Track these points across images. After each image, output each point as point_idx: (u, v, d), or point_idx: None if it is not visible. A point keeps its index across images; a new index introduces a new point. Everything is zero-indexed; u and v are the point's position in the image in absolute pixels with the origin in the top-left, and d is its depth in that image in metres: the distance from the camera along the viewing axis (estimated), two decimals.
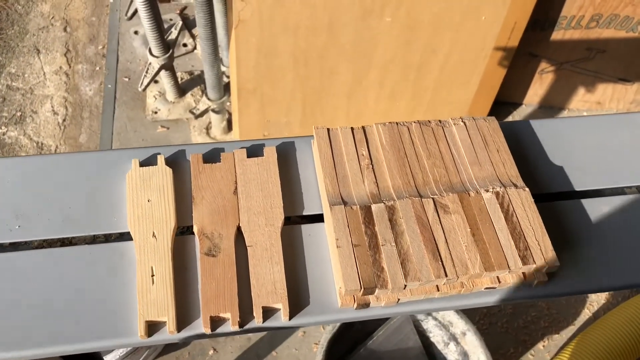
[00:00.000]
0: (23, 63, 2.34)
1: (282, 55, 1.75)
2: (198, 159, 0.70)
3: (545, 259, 0.62)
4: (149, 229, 0.64)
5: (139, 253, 0.63)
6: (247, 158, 0.70)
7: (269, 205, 0.67)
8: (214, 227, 0.65)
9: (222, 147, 0.73)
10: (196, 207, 0.66)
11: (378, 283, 0.60)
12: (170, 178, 0.68)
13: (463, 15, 1.67)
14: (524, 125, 0.78)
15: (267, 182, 0.69)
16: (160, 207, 0.66)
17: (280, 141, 0.74)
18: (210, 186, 0.68)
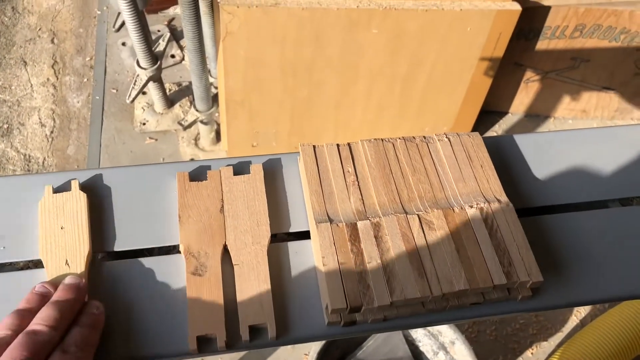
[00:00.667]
0: (10, 75, 2.33)
1: (270, 67, 1.76)
2: (184, 177, 0.70)
3: (529, 274, 0.63)
4: (61, 257, 0.63)
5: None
6: (233, 176, 0.71)
7: (256, 223, 0.67)
8: (201, 246, 0.65)
9: (208, 164, 0.73)
10: (182, 226, 0.66)
11: (364, 301, 0.60)
12: (84, 203, 0.66)
13: (449, 26, 1.69)
14: (508, 140, 0.79)
15: (254, 200, 0.69)
16: (74, 233, 0.64)
17: (267, 158, 0.75)
18: (197, 204, 0.68)
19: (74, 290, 0.58)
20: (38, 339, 0.52)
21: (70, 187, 0.68)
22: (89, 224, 0.66)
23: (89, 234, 0.65)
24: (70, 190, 0.68)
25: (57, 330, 0.54)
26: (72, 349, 0.53)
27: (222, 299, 0.62)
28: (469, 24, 1.70)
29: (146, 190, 0.71)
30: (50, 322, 0.54)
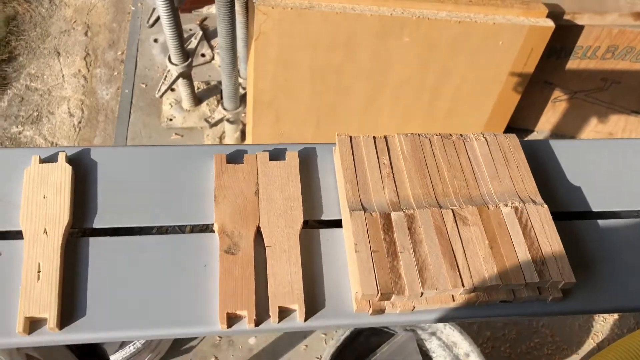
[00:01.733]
0: (43, 64, 2.37)
1: (299, 70, 1.77)
2: (221, 159, 0.71)
3: (562, 274, 0.63)
4: (40, 226, 0.63)
5: (27, 249, 0.62)
6: (269, 161, 0.71)
7: (289, 208, 0.68)
8: (235, 225, 0.66)
9: (245, 149, 0.74)
10: (218, 206, 0.67)
11: (395, 289, 0.60)
12: (69, 175, 0.67)
13: (481, 39, 1.69)
14: (544, 144, 0.79)
15: (288, 185, 0.70)
16: (55, 204, 0.65)
17: (302, 146, 0.76)
18: (232, 186, 0.69)
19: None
20: None
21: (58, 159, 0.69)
22: (71, 196, 0.66)
23: (70, 205, 0.65)
24: (57, 162, 0.68)
25: None
26: None
27: (254, 279, 0.63)
28: (501, 37, 1.70)
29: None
30: None
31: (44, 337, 0.60)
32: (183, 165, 0.72)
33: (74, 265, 0.64)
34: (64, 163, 0.68)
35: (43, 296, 0.60)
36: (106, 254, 0.65)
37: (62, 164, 0.68)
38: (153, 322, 0.61)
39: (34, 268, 0.61)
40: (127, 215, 0.68)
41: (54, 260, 0.62)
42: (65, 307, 0.61)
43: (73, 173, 0.68)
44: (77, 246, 0.65)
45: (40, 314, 0.59)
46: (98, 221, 0.67)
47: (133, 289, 0.63)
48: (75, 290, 0.62)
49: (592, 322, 1.91)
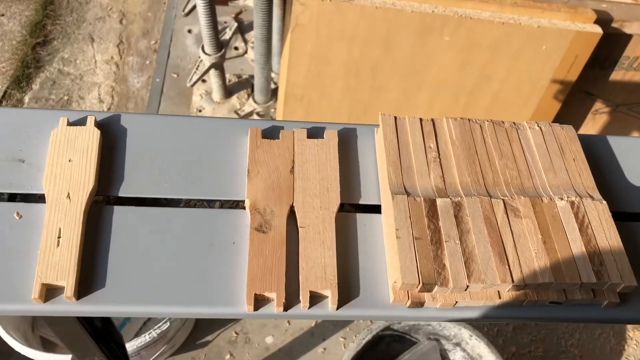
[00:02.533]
0: (76, 50, 2.37)
1: (334, 65, 1.73)
2: (257, 133, 0.67)
3: (622, 276, 0.57)
4: (64, 190, 0.60)
5: (49, 213, 0.58)
6: (307, 138, 0.67)
7: (326, 189, 0.64)
8: (267, 203, 0.61)
9: (282, 125, 0.70)
10: (250, 181, 0.63)
11: (438, 280, 0.55)
12: (97, 140, 0.63)
13: (524, 42, 1.64)
14: (601, 140, 0.73)
15: (326, 165, 0.65)
16: (81, 168, 0.61)
17: (342, 126, 0.71)
18: (267, 162, 0.65)
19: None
20: None
21: (86, 122, 0.65)
22: (98, 161, 0.63)
23: (96, 171, 0.62)
24: (85, 125, 0.65)
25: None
26: None
27: (285, 260, 0.58)
28: (545, 42, 1.64)
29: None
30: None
31: (59, 307, 0.56)
32: (216, 138, 0.68)
33: (96, 233, 0.60)
34: (92, 127, 0.64)
35: (62, 263, 0.56)
36: (130, 224, 0.61)
37: (91, 127, 0.64)
38: (175, 299, 0.57)
39: (54, 233, 0.57)
40: (154, 185, 0.64)
41: (75, 226, 0.58)
42: (84, 277, 0.57)
43: (101, 138, 0.64)
44: (101, 214, 0.61)
45: (57, 281, 0.55)
46: (124, 190, 0.63)
47: (156, 263, 0.59)
48: (95, 260, 0.58)
49: (624, 345, 1.82)
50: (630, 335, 1.84)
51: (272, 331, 1.75)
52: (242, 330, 1.74)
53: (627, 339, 1.83)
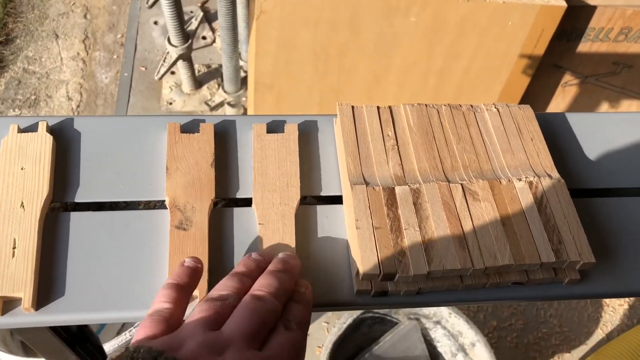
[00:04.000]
0: (41, 47, 2.33)
1: (301, 50, 1.72)
2: (175, 128, 0.65)
3: (580, 254, 0.58)
4: (17, 199, 0.58)
5: (2, 223, 0.57)
6: (266, 133, 0.66)
7: (285, 184, 0.63)
8: (187, 199, 0.60)
9: (203, 118, 0.68)
10: (169, 178, 0.61)
11: (399, 268, 0.55)
12: (49, 146, 0.62)
13: (489, 19, 1.64)
14: (560, 117, 0.73)
15: (286, 160, 0.65)
16: (34, 176, 0.60)
17: (303, 119, 0.71)
18: (186, 157, 0.63)
19: (291, 265, 0.54)
20: (264, 306, 0.48)
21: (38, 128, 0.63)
22: (51, 167, 0.61)
23: (50, 177, 0.60)
24: (37, 131, 0.63)
25: (279, 301, 0.50)
26: (293, 326, 0.49)
27: (207, 256, 0.58)
28: (511, 17, 1.64)
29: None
30: (272, 291, 0.49)
31: (18, 319, 0.55)
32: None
33: (53, 241, 0.59)
34: (44, 133, 0.63)
35: (18, 274, 0.55)
36: (88, 230, 0.60)
37: (43, 133, 0.63)
38: (136, 303, 0.57)
39: (8, 244, 0.56)
40: (111, 189, 0.63)
41: (30, 235, 0.57)
42: (42, 286, 0.56)
43: (54, 143, 0.63)
44: (57, 221, 0.60)
45: (14, 293, 0.54)
46: (81, 195, 0.62)
47: (115, 267, 0.58)
48: (53, 268, 0.57)
49: (602, 312, 1.86)
50: (607, 303, 1.87)
51: None
52: None
53: (603, 306, 1.87)
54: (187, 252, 0.57)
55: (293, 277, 0.54)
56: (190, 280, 0.52)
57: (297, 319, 0.50)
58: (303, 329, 0.50)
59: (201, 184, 0.61)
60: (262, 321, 0.47)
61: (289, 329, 0.48)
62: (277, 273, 0.52)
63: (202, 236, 0.58)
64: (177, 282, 0.51)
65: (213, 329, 0.46)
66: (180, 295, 0.50)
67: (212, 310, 0.47)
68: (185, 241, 0.58)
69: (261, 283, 0.51)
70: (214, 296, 0.49)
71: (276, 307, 0.49)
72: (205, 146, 0.64)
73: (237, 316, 0.47)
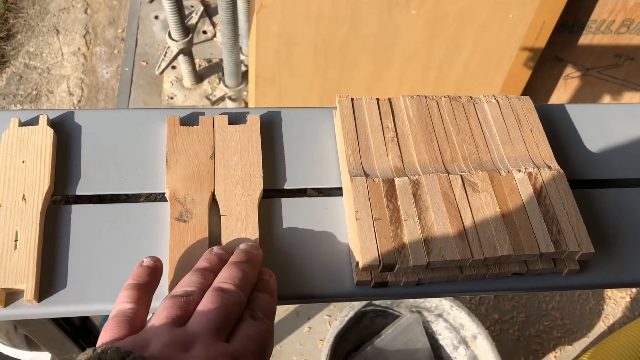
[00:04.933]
0: (42, 42, 2.33)
1: (302, 44, 1.72)
2: (175, 121, 0.65)
3: (579, 244, 0.58)
4: (18, 192, 0.59)
5: (4, 216, 0.57)
6: (228, 124, 0.66)
7: (248, 175, 0.63)
8: (187, 191, 0.61)
9: (202, 111, 0.68)
10: (169, 171, 0.62)
11: (398, 259, 0.56)
12: (50, 139, 0.62)
13: (490, 11, 1.63)
14: (559, 109, 0.73)
15: (248, 151, 0.64)
16: (35, 169, 0.60)
17: (302, 111, 0.71)
18: (186, 149, 0.64)
19: (253, 255, 0.54)
20: (229, 298, 0.48)
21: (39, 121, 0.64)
22: (52, 161, 0.62)
23: (51, 170, 0.61)
24: (37, 124, 0.63)
25: (243, 292, 0.49)
26: (259, 315, 0.49)
27: (208, 247, 0.58)
28: (512, 10, 1.63)
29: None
30: (236, 282, 0.49)
31: (21, 310, 0.55)
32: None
33: (55, 233, 0.59)
34: (45, 126, 0.63)
35: (20, 266, 0.55)
36: (89, 222, 0.60)
37: (43, 126, 0.63)
38: None
39: (10, 236, 0.57)
40: (112, 182, 0.63)
41: (32, 228, 0.57)
42: (44, 278, 0.57)
43: (55, 137, 0.63)
44: (59, 214, 0.61)
45: (17, 285, 0.55)
46: (82, 188, 0.63)
47: (116, 259, 0.59)
48: (55, 260, 0.58)
49: (603, 305, 1.86)
50: (609, 295, 1.88)
51: None
52: None
53: (605, 298, 1.87)
54: (187, 244, 0.58)
55: (256, 267, 0.54)
56: (150, 280, 0.52)
57: (263, 308, 0.50)
58: (269, 317, 0.50)
59: (201, 176, 0.62)
60: (228, 313, 0.47)
61: (255, 319, 0.48)
62: (240, 264, 0.52)
63: (202, 228, 0.59)
64: (138, 282, 0.51)
65: (179, 325, 0.46)
66: (141, 294, 0.50)
67: (176, 307, 0.47)
68: (185, 233, 0.58)
69: (224, 275, 0.51)
70: (177, 293, 0.49)
71: (240, 297, 0.49)
72: (205, 138, 0.64)
73: (202, 310, 0.47)
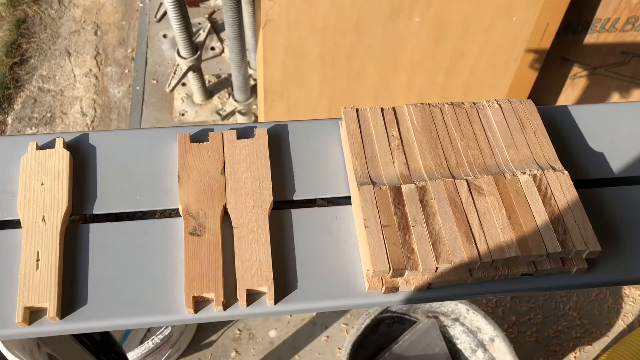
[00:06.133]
0: (54, 66, 2.37)
1: (309, 56, 1.74)
2: (185, 138, 0.67)
3: (586, 243, 0.59)
4: (38, 213, 0.61)
5: (26, 237, 0.59)
6: (237, 139, 0.68)
7: (258, 187, 0.65)
8: (200, 206, 0.63)
9: (212, 127, 0.70)
10: (182, 187, 0.64)
11: (408, 264, 0.57)
12: (67, 161, 0.65)
13: (493, 16, 1.64)
14: (562, 110, 0.74)
15: (257, 164, 0.66)
16: (53, 190, 0.63)
17: (310, 123, 0.72)
18: (197, 165, 0.65)
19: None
20: None
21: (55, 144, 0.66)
22: (69, 182, 0.64)
23: (68, 191, 0.63)
24: (54, 147, 0.66)
25: None
26: None
27: (221, 260, 0.60)
28: (515, 13, 1.65)
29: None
30: None
31: (44, 328, 0.58)
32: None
33: (74, 252, 0.61)
34: (61, 149, 0.66)
35: (42, 285, 0.57)
36: (107, 240, 0.62)
37: (60, 149, 0.66)
38: (155, 308, 0.59)
39: (32, 256, 0.59)
40: (127, 200, 0.65)
41: (53, 248, 0.59)
42: (65, 296, 0.59)
43: (71, 158, 0.66)
44: (78, 233, 0.63)
45: (40, 303, 0.57)
46: (98, 207, 0.65)
47: (134, 275, 0.60)
48: (75, 278, 0.60)
49: (622, 303, 1.85)
50: (627, 293, 1.87)
51: (275, 324, 1.77)
52: (245, 327, 1.76)
53: (623, 297, 1.86)
54: (201, 257, 0.59)
55: None
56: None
57: None
58: None
59: (212, 191, 0.64)
60: None
61: None
62: None
63: (216, 241, 0.61)
64: None
65: None
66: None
67: None
68: (199, 246, 0.60)
69: None
70: None
71: None
72: (215, 154, 0.66)
73: None
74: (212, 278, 0.58)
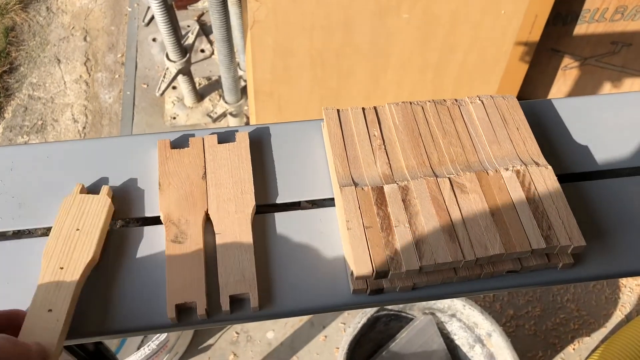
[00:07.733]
0: (44, 73, 2.37)
1: (298, 56, 1.73)
2: (165, 145, 0.67)
3: (570, 238, 0.59)
4: (60, 260, 0.58)
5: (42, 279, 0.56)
6: (217, 144, 0.67)
7: (240, 192, 0.64)
8: (181, 213, 0.62)
9: (192, 133, 0.70)
10: (162, 194, 0.63)
11: (391, 265, 0.57)
12: (105, 210, 0.62)
13: (482, 10, 1.64)
14: (545, 104, 0.74)
15: (239, 168, 0.65)
16: (83, 238, 0.60)
17: (291, 125, 0.72)
18: (178, 172, 0.65)
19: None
20: None
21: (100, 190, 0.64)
22: (100, 232, 0.60)
23: (97, 241, 0.60)
24: (98, 193, 0.63)
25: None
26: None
27: (204, 267, 0.59)
28: (503, 6, 1.64)
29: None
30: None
31: None
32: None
33: None
34: (104, 197, 0.63)
35: None
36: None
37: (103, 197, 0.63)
38: (139, 317, 0.58)
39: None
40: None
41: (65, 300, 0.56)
42: None
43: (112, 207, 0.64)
44: None
45: None
46: None
47: (120, 284, 0.60)
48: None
49: (619, 293, 1.85)
50: (624, 283, 1.86)
51: (273, 326, 1.77)
52: (242, 329, 1.76)
53: (620, 287, 1.86)
54: (183, 265, 0.59)
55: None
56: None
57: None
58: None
59: (194, 197, 0.63)
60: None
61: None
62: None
63: (198, 248, 0.60)
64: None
65: None
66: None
67: None
68: (181, 254, 0.60)
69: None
70: None
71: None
72: (196, 160, 0.65)
73: None
74: (195, 285, 0.58)
